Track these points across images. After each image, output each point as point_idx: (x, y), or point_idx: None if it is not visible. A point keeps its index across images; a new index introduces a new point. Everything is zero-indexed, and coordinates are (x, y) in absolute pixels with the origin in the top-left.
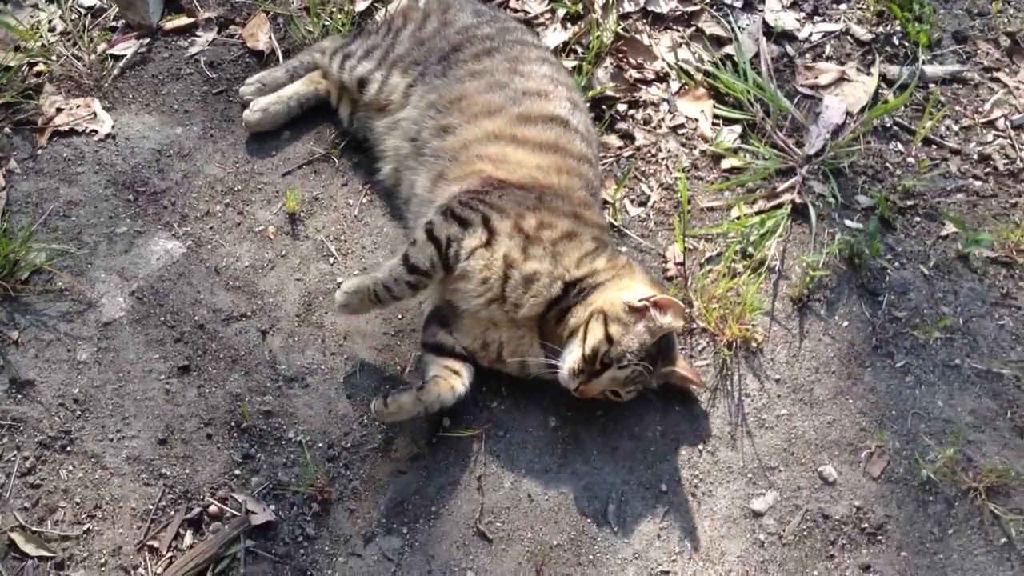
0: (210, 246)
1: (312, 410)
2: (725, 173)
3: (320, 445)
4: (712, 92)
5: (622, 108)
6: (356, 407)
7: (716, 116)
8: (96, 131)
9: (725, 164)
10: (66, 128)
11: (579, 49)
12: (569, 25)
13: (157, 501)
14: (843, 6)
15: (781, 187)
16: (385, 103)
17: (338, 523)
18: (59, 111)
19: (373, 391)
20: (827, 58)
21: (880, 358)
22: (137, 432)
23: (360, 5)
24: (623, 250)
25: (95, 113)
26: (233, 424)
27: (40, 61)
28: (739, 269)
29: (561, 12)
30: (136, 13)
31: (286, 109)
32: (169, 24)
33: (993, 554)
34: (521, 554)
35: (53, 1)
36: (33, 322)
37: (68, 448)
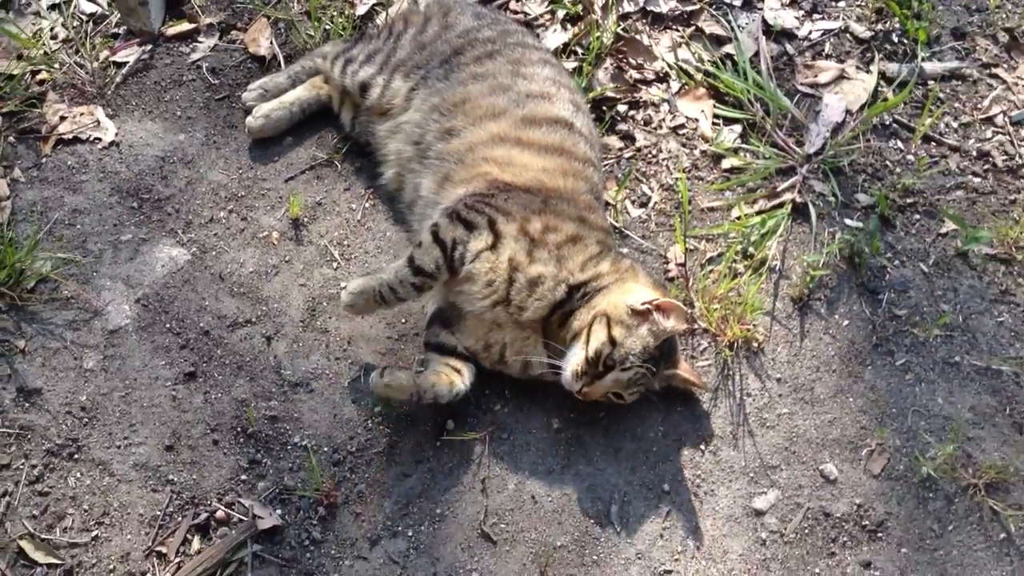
0: (214, 252)
1: (317, 415)
2: (725, 173)
3: (325, 449)
4: (712, 92)
5: (622, 109)
6: (361, 411)
7: (716, 116)
8: (100, 139)
9: (725, 164)
10: (70, 136)
11: (579, 50)
12: (569, 26)
13: (164, 507)
14: (842, 3)
15: (781, 186)
16: (387, 107)
17: (344, 527)
18: (63, 119)
19: (386, 399)
20: (826, 56)
21: (880, 356)
22: (144, 439)
23: (361, 9)
24: (625, 251)
25: (98, 121)
26: (239, 430)
27: (43, 69)
28: (740, 269)
29: (561, 13)
30: (138, 19)
31: (288, 115)
32: (171, 30)
33: (992, 549)
34: (525, 555)
35: (55, 8)
36: (40, 331)
37: (76, 456)
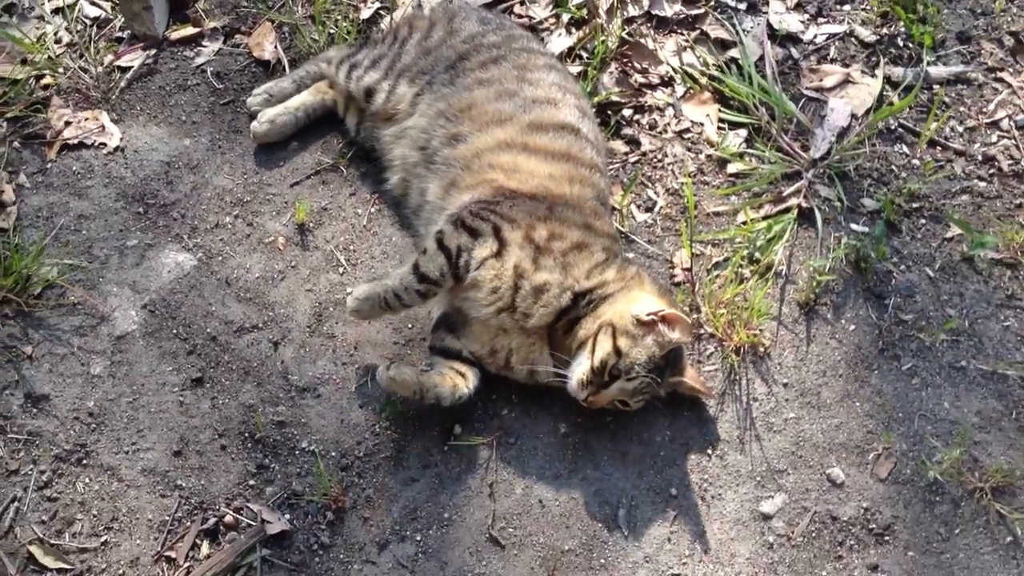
0: (220, 258)
1: (325, 420)
2: (731, 178)
3: (333, 454)
4: (717, 96)
5: (627, 113)
6: (368, 416)
7: (722, 120)
8: (105, 144)
9: (731, 168)
10: (75, 141)
11: (584, 54)
12: (574, 30)
13: (173, 512)
14: (847, 7)
15: (787, 191)
16: (392, 112)
17: (352, 531)
18: (67, 124)
19: (385, 400)
20: (832, 60)
21: (887, 361)
22: (152, 444)
23: (365, 13)
24: (631, 256)
25: (103, 126)
26: (247, 435)
27: (47, 74)
28: (746, 274)
29: (566, 17)
30: (142, 24)
31: (293, 120)
32: (175, 34)
33: (999, 553)
34: (533, 559)
35: (59, 12)
36: (47, 337)
37: (84, 461)
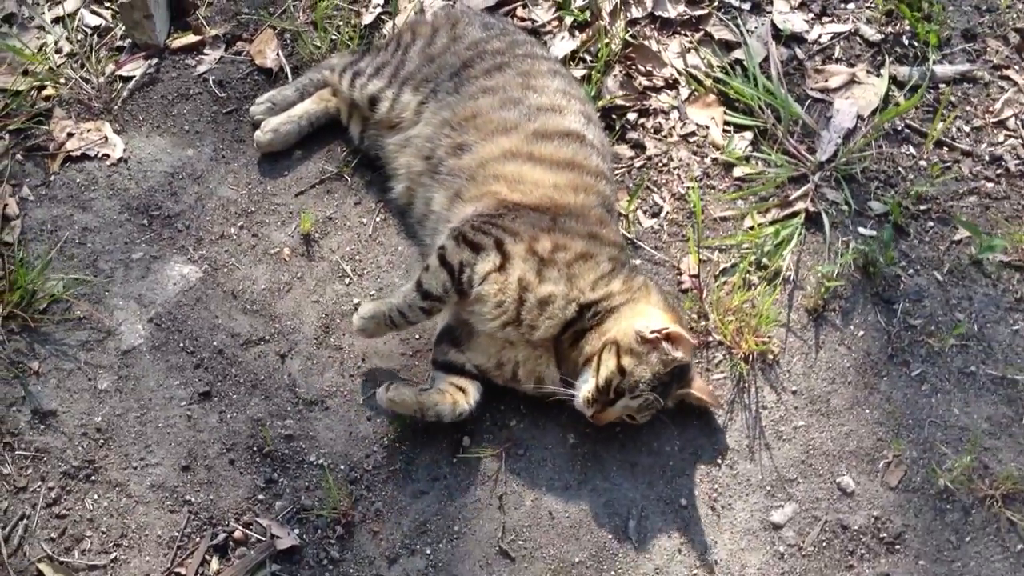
0: (226, 269)
1: (333, 433)
2: (737, 182)
3: (342, 468)
4: (722, 98)
5: (632, 117)
6: (377, 428)
7: (727, 123)
8: (108, 155)
9: (737, 172)
10: (78, 153)
11: (587, 57)
12: (577, 33)
13: (182, 528)
14: (851, 5)
15: (794, 195)
16: (397, 121)
17: (362, 545)
18: (70, 136)
19: (392, 413)
20: (836, 60)
21: (896, 367)
22: (160, 459)
23: (367, 18)
24: (637, 263)
25: (106, 137)
26: (255, 449)
27: (48, 84)
28: (754, 281)
29: (568, 20)
30: (143, 33)
31: (297, 128)
32: (176, 43)
33: (1010, 560)
34: (544, 571)
35: (58, 22)
36: (53, 352)
37: (92, 477)
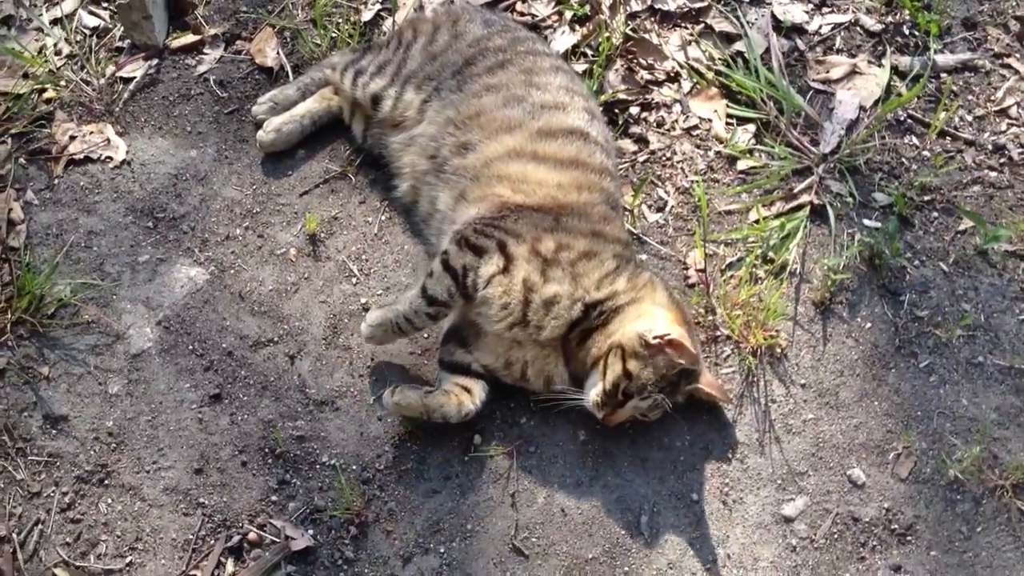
0: (233, 271)
1: (344, 433)
2: (741, 175)
3: (354, 468)
4: (724, 91)
5: (635, 111)
6: (388, 428)
7: (729, 116)
8: (111, 158)
9: (741, 165)
10: (81, 156)
11: (588, 52)
12: (577, 27)
13: (197, 531)
14: None
15: (798, 188)
16: (400, 119)
17: (376, 545)
18: (72, 139)
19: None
20: (838, 51)
21: (904, 358)
22: (173, 462)
23: (366, 15)
24: (643, 258)
25: (108, 139)
26: (267, 450)
27: (49, 87)
28: (760, 274)
29: (569, 14)
30: (142, 33)
31: (299, 128)
32: (175, 43)
33: (1022, 550)
34: (557, 568)
35: (57, 23)
36: (63, 356)
37: (106, 481)
